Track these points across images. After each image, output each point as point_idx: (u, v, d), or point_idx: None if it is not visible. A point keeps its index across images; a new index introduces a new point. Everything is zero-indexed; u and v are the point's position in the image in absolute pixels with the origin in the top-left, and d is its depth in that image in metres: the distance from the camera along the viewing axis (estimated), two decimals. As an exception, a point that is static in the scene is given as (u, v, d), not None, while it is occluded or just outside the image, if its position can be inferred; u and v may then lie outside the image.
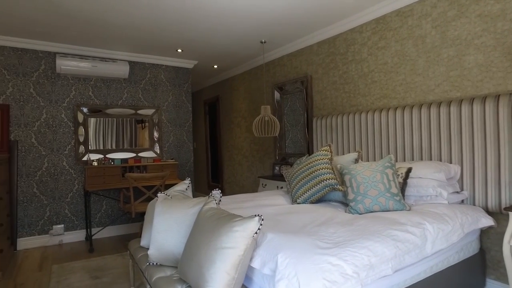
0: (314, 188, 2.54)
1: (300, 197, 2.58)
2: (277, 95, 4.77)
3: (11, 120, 4.04)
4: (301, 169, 2.71)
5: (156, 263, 1.96)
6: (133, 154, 4.77)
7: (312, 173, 2.58)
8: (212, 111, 6.89)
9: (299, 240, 1.59)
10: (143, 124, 4.87)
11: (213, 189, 6.81)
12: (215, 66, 5.59)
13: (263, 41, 4.30)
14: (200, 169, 7.38)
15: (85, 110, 4.46)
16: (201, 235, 1.58)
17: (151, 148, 4.93)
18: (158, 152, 4.98)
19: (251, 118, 5.48)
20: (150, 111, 4.92)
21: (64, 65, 4.15)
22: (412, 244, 1.77)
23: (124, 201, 4.18)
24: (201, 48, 4.54)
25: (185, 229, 1.83)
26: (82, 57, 4.38)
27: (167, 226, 1.88)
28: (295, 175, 2.73)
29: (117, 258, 3.58)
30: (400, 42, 3.15)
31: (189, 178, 2.40)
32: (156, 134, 4.97)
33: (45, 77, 4.24)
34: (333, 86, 3.95)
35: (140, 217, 4.69)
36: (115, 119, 4.66)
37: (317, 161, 2.63)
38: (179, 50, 4.62)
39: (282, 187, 4.04)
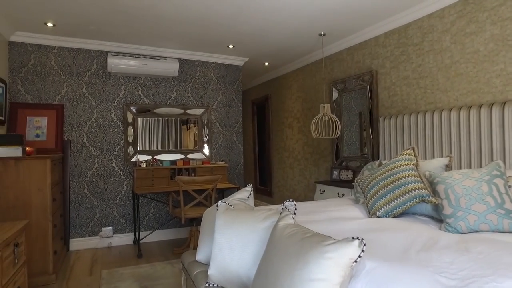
0: (398, 199, 2.12)
1: (381, 209, 2.17)
2: (335, 93, 4.35)
3: (64, 120, 4.02)
4: (379, 176, 2.29)
5: (217, 285, 1.66)
6: (181, 156, 4.58)
7: (395, 182, 2.16)
8: (260, 112, 6.59)
9: (412, 272, 1.20)
10: (188, 125, 4.68)
11: (256, 192, 6.52)
12: (266, 64, 5.28)
13: (322, 33, 3.91)
14: (248, 172, 7.11)
15: (134, 109, 4.35)
16: (281, 259, 1.24)
17: (199, 149, 4.72)
18: (207, 154, 4.75)
19: (305, 118, 5.09)
20: (199, 111, 4.71)
21: (115, 63, 4.06)
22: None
23: (173, 205, 3.99)
24: (253, 43, 4.25)
25: (255, 248, 1.51)
26: (133, 55, 4.28)
27: (232, 243, 1.57)
28: (371, 183, 2.31)
29: (166, 266, 3.36)
30: (498, 24, 2.62)
31: (251, 185, 2.08)
32: (205, 135, 4.75)
33: (97, 77, 4.18)
34: (404, 82, 3.47)
35: (189, 222, 4.48)
36: (161, 119, 4.50)
37: (400, 167, 2.20)
38: (230, 46, 4.36)
39: (343, 194, 3.61)
